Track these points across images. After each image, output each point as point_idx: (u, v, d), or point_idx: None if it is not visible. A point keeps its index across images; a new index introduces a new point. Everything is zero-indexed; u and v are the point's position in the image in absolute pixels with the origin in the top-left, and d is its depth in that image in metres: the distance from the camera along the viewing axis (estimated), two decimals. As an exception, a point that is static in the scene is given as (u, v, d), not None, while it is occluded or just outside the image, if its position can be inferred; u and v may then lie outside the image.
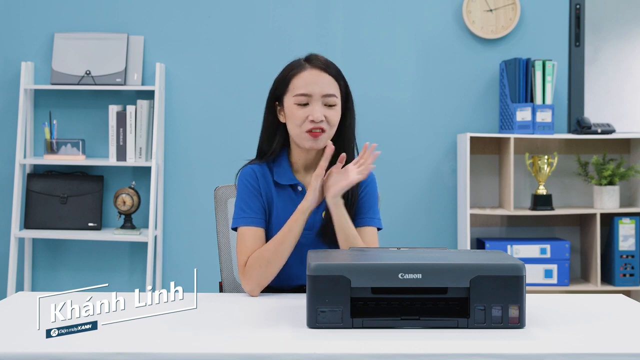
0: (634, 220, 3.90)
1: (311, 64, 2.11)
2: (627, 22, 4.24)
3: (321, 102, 2.08)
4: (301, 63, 2.12)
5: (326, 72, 2.10)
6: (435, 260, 1.70)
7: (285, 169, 2.16)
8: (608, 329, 1.71)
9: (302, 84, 2.08)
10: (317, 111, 2.06)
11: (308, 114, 2.07)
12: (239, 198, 2.14)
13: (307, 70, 2.10)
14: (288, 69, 2.13)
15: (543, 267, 3.86)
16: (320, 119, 2.06)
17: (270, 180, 2.15)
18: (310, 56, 2.14)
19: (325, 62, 2.12)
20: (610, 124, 3.97)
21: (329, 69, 2.11)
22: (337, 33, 4.10)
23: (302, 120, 2.08)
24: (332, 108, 2.10)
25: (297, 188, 2.15)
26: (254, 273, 2.04)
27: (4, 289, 4.07)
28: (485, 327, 1.65)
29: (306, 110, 2.08)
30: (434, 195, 4.11)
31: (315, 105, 2.07)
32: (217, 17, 4.12)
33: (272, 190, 2.15)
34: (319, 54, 2.16)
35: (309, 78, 2.09)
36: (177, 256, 4.14)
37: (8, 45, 4.12)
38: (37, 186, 4.06)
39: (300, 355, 1.49)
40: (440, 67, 4.10)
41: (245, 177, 2.15)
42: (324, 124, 2.08)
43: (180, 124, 4.12)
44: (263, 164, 2.17)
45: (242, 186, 2.14)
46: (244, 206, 2.12)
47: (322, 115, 2.07)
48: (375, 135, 4.08)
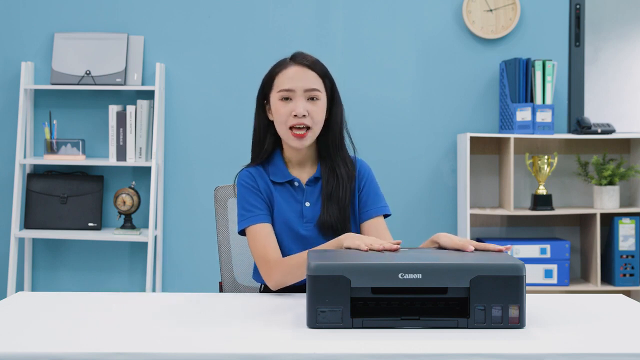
0: (634, 220, 3.90)
1: (295, 61, 2.16)
2: (627, 22, 4.24)
3: (304, 97, 2.13)
4: (286, 61, 2.18)
5: (309, 68, 2.15)
6: (435, 260, 1.70)
7: (279, 167, 2.19)
8: (608, 329, 1.71)
9: (285, 80, 2.14)
10: (299, 106, 2.11)
11: (291, 110, 2.12)
12: (241, 200, 2.15)
13: (290, 67, 2.15)
14: (273, 67, 2.19)
15: (543, 267, 3.86)
16: (303, 114, 2.10)
17: (267, 179, 2.18)
18: (296, 54, 2.19)
19: (309, 59, 2.17)
20: (610, 124, 3.97)
21: (312, 65, 2.16)
22: (337, 33, 4.10)
23: (285, 115, 2.12)
24: (316, 103, 2.14)
25: (294, 183, 2.19)
26: (279, 276, 2.05)
27: (4, 289, 4.08)
28: (485, 327, 1.64)
29: (290, 105, 2.13)
30: (434, 195, 4.11)
31: (298, 101, 2.12)
32: (217, 17, 4.12)
33: (270, 188, 2.17)
34: (305, 52, 2.20)
35: (292, 74, 2.14)
36: (177, 256, 4.14)
37: (8, 45, 4.12)
38: (37, 186, 4.06)
39: (300, 355, 1.49)
40: (440, 67, 4.10)
41: (243, 179, 2.18)
42: (307, 119, 2.12)
43: (180, 124, 4.12)
44: (257, 167, 2.20)
45: (242, 188, 2.17)
46: (248, 206, 2.14)
47: (304, 110, 2.11)
48: (375, 135, 4.08)
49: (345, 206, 2.16)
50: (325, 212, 2.14)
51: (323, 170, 2.18)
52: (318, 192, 2.17)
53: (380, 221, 2.20)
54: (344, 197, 2.16)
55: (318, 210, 2.16)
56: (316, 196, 2.17)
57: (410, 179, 4.10)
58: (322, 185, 2.17)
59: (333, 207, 2.14)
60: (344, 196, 2.16)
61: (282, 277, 2.04)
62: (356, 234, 1.97)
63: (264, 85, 2.20)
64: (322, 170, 2.19)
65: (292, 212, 2.15)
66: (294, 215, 2.15)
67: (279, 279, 2.05)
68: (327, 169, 2.18)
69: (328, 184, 2.16)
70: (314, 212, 2.16)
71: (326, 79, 2.17)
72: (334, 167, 2.18)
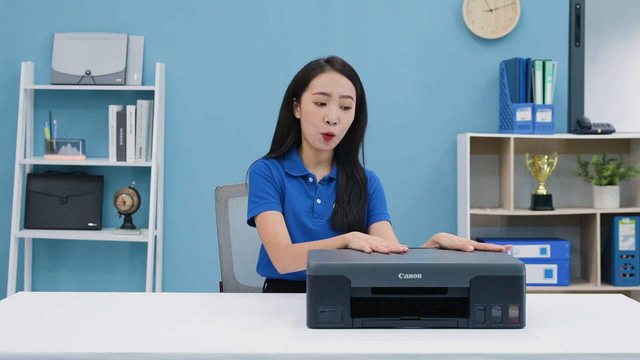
0: (634, 220, 3.90)
1: (332, 66, 2.19)
2: (627, 22, 4.24)
3: (338, 103, 2.17)
4: (322, 64, 2.20)
5: (345, 75, 2.19)
6: (435, 260, 1.70)
7: (296, 163, 2.23)
8: (608, 329, 1.71)
9: (322, 84, 2.17)
10: (333, 112, 2.15)
11: (324, 115, 2.15)
12: (254, 188, 2.18)
13: (327, 71, 2.18)
14: (310, 68, 2.21)
15: (543, 267, 3.86)
16: (335, 121, 2.15)
17: (282, 171, 2.22)
18: (332, 58, 2.21)
19: (347, 67, 2.21)
20: (610, 124, 3.97)
21: (349, 73, 2.20)
22: (337, 33, 4.10)
23: (318, 119, 2.16)
24: (347, 111, 2.18)
25: (309, 179, 2.22)
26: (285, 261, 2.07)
27: (4, 289, 4.08)
28: (485, 327, 1.65)
29: (323, 110, 2.16)
30: (434, 195, 4.11)
31: (333, 106, 2.16)
32: (217, 17, 4.12)
33: (284, 180, 2.21)
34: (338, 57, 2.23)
35: (329, 79, 2.17)
36: (177, 256, 4.14)
37: (8, 45, 4.12)
38: (37, 186, 4.06)
39: (300, 355, 1.49)
40: (440, 67, 4.10)
41: (258, 168, 2.21)
42: (336, 128, 2.16)
43: (180, 124, 4.12)
44: (273, 159, 2.24)
45: (255, 177, 2.20)
46: (261, 193, 2.17)
47: (336, 117, 2.15)
48: (375, 135, 4.08)
49: (361, 209, 2.21)
50: (342, 213, 2.18)
51: (340, 172, 2.24)
52: (331, 191, 2.22)
53: (388, 225, 2.25)
54: (363, 201, 2.21)
55: (329, 209, 2.20)
56: (328, 195, 2.21)
57: (410, 179, 4.10)
58: (338, 186, 2.22)
59: (351, 209, 2.19)
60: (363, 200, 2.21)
61: (289, 262, 2.06)
62: (363, 233, 1.98)
63: (295, 84, 2.22)
64: (338, 172, 2.24)
65: (302, 206, 2.19)
66: (305, 210, 2.19)
67: (286, 264, 2.06)
68: (345, 172, 2.24)
69: (347, 186, 2.22)
70: (325, 210, 2.19)
71: (358, 86, 2.22)
72: (352, 171, 2.24)
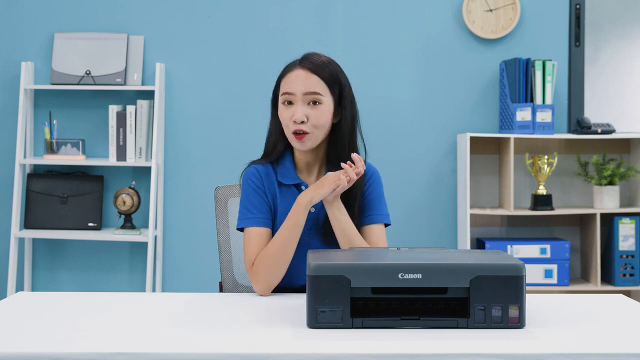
0: (634, 220, 3.90)
1: (301, 64, 2.12)
2: (627, 22, 4.24)
3: (303, 100, 2.09)
4: (292, 63, 2.15)
5: (312, 71, 2.10)
6: (435, 260, 1.70)
7: (288, 169, 2.17)
8: (608, 329, 1.71)
9: (286, 84, 2.11)
10: (298, 111, 2.08)
11: (292, 114, 2.09)
12: (244, 197, 2.15)
13: (294, 70, 2.12)
14: (283, 70, 2.16)
15: (543, 267, 3.86)
16: (301, 120, 2.08)
17: (274, 180, 2.17)
18: (304, 56, 2.15)
19: (316, 61, 2.12)
20: (610, 124, 3.97)
21: (316, 68, 2.11)
22: (337, 33, 4.10)
23: (286, 119, 2.11)
24: (317, 106, 2.10)
25: (301, 187, 2.16)
26: (263, 272, 2.04)
27: (4, 289, 4.08)
28: (485, 327, 1.65)
29: (291, 110, 2.10)
30: (434, 195, 4.11)
31: (298, 104, 2.10)
32: (217, 17, 4.12)
33: (276, 190, 2.16)
34: (317, 52, 2.17)
35: (294, 78, 2.11)
36: (177, 256, 4.14)
37: (8, 45, 4.12)
38: (37, 186, 4.06)
39: (300, 355, 1.49)
40: (440, 67, 4.10)
41: (250, 177, 2.16)
42: (306, 125, 2.09)
43: (180, 124, 4.12)
44: (267, 164, 2.18)
45: (247, 186, 2.16)
46: (250, 206, 2.13)
47: (303, 115, 2.08)
48: (375, 135, 4.08)
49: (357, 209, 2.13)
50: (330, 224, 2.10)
51: None
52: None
53: (380, 229, 2.16)
54: (352, 203, 2.13)
55: (322, 216, 2.14)
56: (321, 202, 2.12)
57: (410, 179, 4.10)
58: None
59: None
60: (353, 202, 2.13)
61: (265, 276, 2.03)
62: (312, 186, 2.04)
63: (274, 88, 2.18)
64: None
65: None
66: None
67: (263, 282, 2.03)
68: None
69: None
70: (318, 218, 2.14)
71: (333, 82, 2.12)
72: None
